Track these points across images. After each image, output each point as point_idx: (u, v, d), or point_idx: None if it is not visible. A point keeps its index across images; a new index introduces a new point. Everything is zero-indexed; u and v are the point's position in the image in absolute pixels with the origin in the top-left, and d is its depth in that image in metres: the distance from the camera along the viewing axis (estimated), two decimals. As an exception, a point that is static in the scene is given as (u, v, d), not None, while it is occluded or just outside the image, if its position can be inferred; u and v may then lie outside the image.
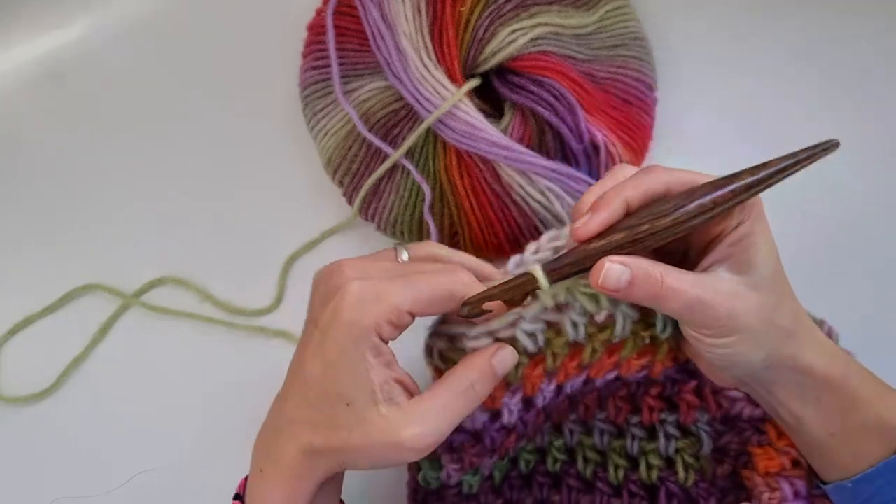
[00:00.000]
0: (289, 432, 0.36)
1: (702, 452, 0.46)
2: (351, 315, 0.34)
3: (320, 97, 0.57)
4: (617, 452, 0.48)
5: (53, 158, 0.63)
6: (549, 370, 0.40)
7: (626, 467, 0.47)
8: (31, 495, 0.56)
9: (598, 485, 0.48)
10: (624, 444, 0.47)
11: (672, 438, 0.47)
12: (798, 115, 0.57)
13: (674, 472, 0.47)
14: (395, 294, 0.35)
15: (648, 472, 0.47)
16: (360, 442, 0.34)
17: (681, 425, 0.47)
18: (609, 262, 0.35)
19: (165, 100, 0.63)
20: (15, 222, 0.62)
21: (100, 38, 0.64)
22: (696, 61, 0.60)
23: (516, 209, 0.53)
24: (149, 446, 0.56)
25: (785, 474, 0.41)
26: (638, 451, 0.47)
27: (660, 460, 0.47)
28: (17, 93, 0.64)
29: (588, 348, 0.41)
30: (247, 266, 0.59)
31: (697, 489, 0.46)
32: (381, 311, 0.34)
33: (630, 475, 0.47)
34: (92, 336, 0.58)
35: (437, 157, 0.54)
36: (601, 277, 0.35)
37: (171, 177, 0.61)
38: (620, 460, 0.48)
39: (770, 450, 0.42)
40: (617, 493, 0.47)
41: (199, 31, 0.64)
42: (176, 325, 0.58)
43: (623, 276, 0.35)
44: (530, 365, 0.40)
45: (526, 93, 0.53)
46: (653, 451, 0.47)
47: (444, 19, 0.53)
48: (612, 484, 0.48)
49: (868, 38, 0.59)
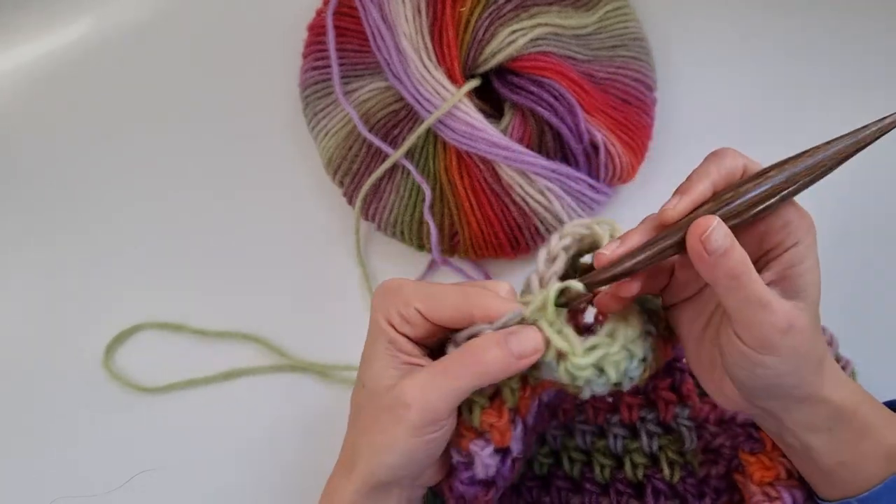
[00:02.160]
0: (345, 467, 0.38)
1: (687, 449, 0.46)
2: (375, 301, 0.38)
3: (321, 97, 0.57)
4: (601, 452, 0.48)
5: (53, 159, 0.63)
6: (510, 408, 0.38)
7: (611, 466, 0.47)
8: (32, 495, 0.56)
9: (585, 485, 0.48)
10: (607, 444, 0.47)
11: (654, 436, 0.47)
12: (798, 116, 0.57)
13: (659, 470, 0.47)
14: (409, 288, 0.37)
15: (634, 470, 0.47)
16: (401, 433, 0.35)
17: (661, 422, 0.47)
18: (718, 222, 0.33)
19: (165, 100, 0.63)
20: (14, 222, 0.62)
21: (100, 38, 0.64)
22: (696, 61, 0.60)
23: (516, 209, 0.53)
24: (149, 446, 0.56)
25: (782, 484, 0.41)
26: (622, 449, 0.47)
27: (644, 458, 0.47)
28: (17, 93, 0.64)
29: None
30: (246, 266, 0.59)
31: (685, 485, 0.46)
32: (394, 300, 0.37)
33: (616, 474, 0.47)
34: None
35: (437, 157, 0.54)
36: (707, 232, 0.33)
37: (170, 177, 0.61)
38: (605, 460, 0.47)
39: (764, 458, 0.42)
40: (605, 491, 0.48)
41: (199, 31, 0.64)
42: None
43: (726, 241, 0.33)
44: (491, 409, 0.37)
45: (526, 93, 0.53)
46: (636, 450, 0.47)
47: (444, 20, 0.53)
48: (599, 483, 0.48)
49: (869, 37, 0.59)
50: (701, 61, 0.60)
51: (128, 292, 0.59)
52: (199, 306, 0.59)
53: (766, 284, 0.35)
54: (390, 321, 0.37)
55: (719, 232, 0.33)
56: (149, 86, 0.63)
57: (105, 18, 0.65)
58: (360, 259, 0.58)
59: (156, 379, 0.57)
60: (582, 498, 0.48)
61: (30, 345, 0.59)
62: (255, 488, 0.55)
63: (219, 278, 0.59)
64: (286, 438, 0.55)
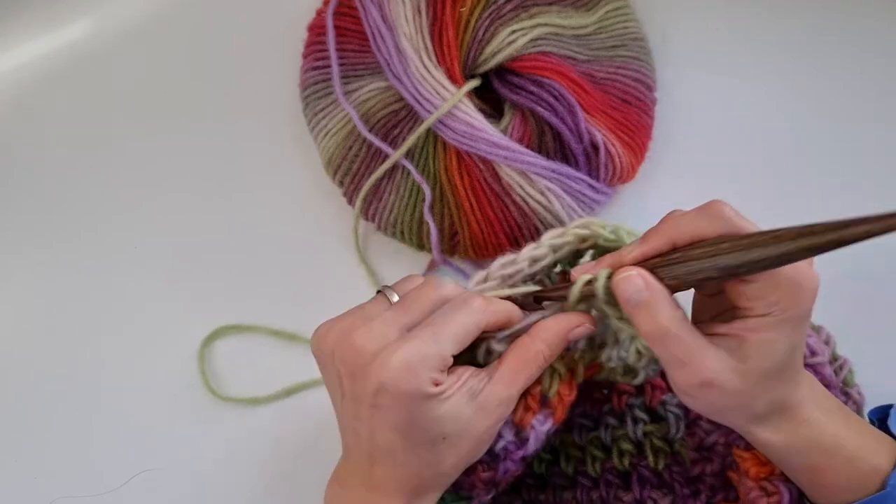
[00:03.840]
0: (387, 494, 0.37)
1: (673, 436, 0.46)
2: (406, 387, 0.35)
3: (320, 97, 0.57)
4: (594, 445, 0.48)
5: (53, 159, 0.63)
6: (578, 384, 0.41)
7: (602, 458, 0.48)
8: (32, 495, 0.56)
9: (579, 479, 0.48)
10: (599, 435, 0.48)
11: (640, 422, 0.47)
12: (798, 116, 0.57)
13: (644, 457, 0.47)
14: (435, 352, 0.36)
15: (621, 458, 0.47)
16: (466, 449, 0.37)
17: (647, 408, 0.47)
18: (638, 274, 0.35)
19: (165, 100, 0.63)
20: (14, 222, 0.62)
21: (99, 38, 0.64)
22: (696, 61, 0.60)
23: (516, 209, 0.53)
24: (149, 446, 0.56)
25: (779, 478, 0.41)
26: (610, 439, 0.47)
27: (630, 445, 0.47)
28: (17, 93, 0.64)
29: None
30: (245, 266, 0.59)
31: (671, 473, 0.46)
32: (431, 366, 0.35)
33: (606, 465, 0.48)
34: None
35: (437, 157, 0.54)
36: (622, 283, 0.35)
37: (169, 177, 0.61)
38: (597, 452, 0.48)
39: (759, 454, 0.42)
40: (596, 485, 0.48)
41: (199, 31, 0.64)
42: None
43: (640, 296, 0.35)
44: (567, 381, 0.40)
45: (526, 93, 0.53)
46: (623, 437, 0.47)
47: (444, 20, 0.54)
48: (591, 477, 0.48)
49: (869, 38, 0.59)
50: (701, 61, 0.60)
51: (128, 292, 0.60)
52: (197, 306, 0.59)
53: (715, 333, 0.36)
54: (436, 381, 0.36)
55: (630, 286, 0.35)
56: (148, 86, 0.63)
57: (105, 19, 0.65)
58: (362, 258, 0.58)
59: (156, 379, 0.57)
60: (575, 492, 0.48)
61: (29, 345, 0.59)
62: (256, 487, 0.55)
63: (218, 278, 0.59)
64: (286, 439, 0.55)
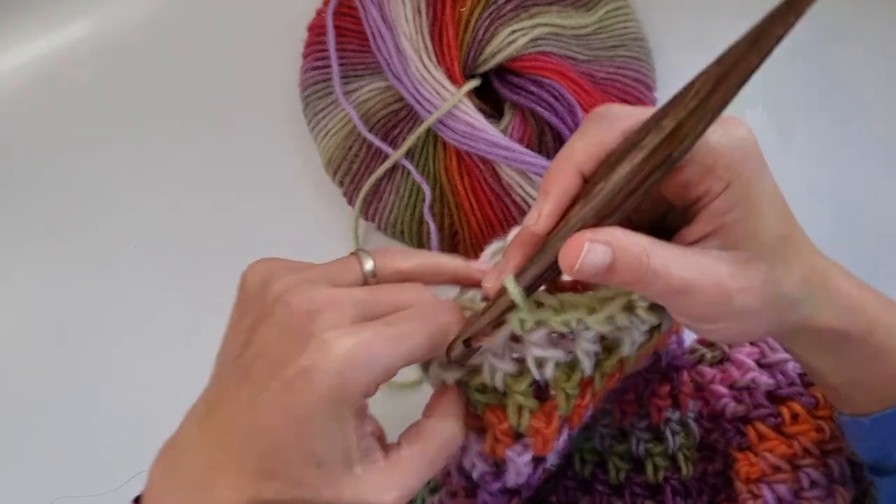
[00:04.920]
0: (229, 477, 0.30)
1: (694, 444, 0.45)
2: (338, 381, 0.29)
3: (321, 97, 0.57)
4: (618, 455, 0.46)
5: (53, 159, 0.63)
6: (562, 416, 0.35)
7: (627, 469, 0.46)
8: (32, 495, 0.56)
9: (597, 486, 0.47)
10: (627, 448, 0.46)
11: (676, 435, 0.45)
12: (798, 116, 0.57)
13: (677, 469, 0.45)
14: (387, 355, 0.30)
15: (655, 473, 0.45)
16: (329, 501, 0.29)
17: (680, 420, 0.45)
18: (588, 242, 0.27)
19: (165, 100, 0.63)
20: (14, 222, 0.62)
21: (99, 38, 0.64)
22: (695, 61, 0.59)
23: (516, 209, 0.53)
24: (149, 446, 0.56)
25: (766, 480, 0.40)
26: (643, 453, 0.45)
27: (667, 461, 0.45)
28: (17, 93, 0.64)
29: (597, 378, 0.35)
30: (244, 266, 0.59)
31: (693, 482, 0.46)
32: (373, 376, 0.30)
33: (633, 477, 0.46)
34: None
35: (437, 157, 0.54)
36: (579, 262, 0.27)
37: (168, 177, 0.61)
38: (622, 463, 0.46)
39: (750, 455, 0.41)
40: (617, 492, 0.47)
41: (199, 31, 0.64)
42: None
43: (603, 258, 0.27)
44: (541, 414, 0.34)
45: (526, 93, 0.53)
46: (661, 453, 0.45)
47: (444, 20, 0.54)
48: (612, 484, 0.46)
49: (870, 38, 0.59)
50: (701, 62, 0.59)
51: (128, 292, 0.59)
52: (197, 306, 0.59)
53: (700, 239, 0.30)
54: (368, 394, 0.30)
55: (591, 259, 0.27)
56: (148, 86, 0.63)
57: (105, 19, 0.65)
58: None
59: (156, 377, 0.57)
60: (592, 498, 0.47)
61: (30, 345, 0.59)
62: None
63: (217, 278, 0.59)
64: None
